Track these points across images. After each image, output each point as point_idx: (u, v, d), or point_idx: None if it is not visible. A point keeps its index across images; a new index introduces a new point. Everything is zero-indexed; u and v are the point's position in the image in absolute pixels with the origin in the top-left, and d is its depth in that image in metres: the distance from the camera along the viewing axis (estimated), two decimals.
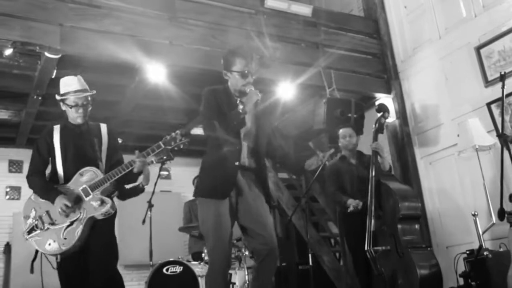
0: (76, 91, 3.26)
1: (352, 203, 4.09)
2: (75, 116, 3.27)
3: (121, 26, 4.55)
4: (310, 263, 4.51)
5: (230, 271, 4.90)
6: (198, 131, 7.03)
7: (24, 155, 6.81)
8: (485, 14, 4.99)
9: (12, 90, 5.29)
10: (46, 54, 4.24)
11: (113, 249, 3.20)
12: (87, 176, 3.18)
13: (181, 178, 7.96)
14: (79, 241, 3.03)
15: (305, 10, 5.60)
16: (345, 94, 5.62)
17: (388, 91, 5.99)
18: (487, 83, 4.88)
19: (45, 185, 3.19)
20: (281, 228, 7.14)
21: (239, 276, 5.06)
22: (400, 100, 5.93)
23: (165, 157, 3.87)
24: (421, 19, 5.82)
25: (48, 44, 4.17)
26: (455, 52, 5.29)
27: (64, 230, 3.03)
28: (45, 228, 3.04)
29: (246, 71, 3.00)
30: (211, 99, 3.00)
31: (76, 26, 4.34)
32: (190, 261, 5.08)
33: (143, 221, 5.06)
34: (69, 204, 3.04)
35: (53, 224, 3.05)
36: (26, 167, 6.86)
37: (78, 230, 3.03)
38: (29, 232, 3.02)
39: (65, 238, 3.01)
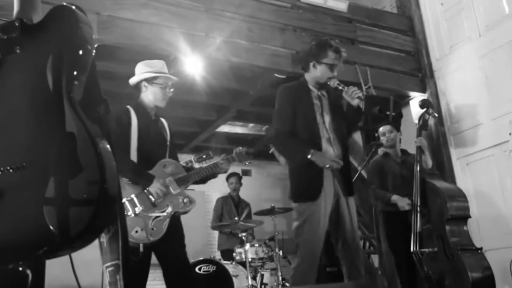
0: (166, 74, 3.17)
1: (401, 203, 3.93)
2: (161, 99, 3.09)
3: (158, 17, 4.44)
4: None
5: (262, 272, 4.81)
6: (225, 128, 6.93)
7: None
8: None
9: None
10: None
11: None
12: (170, 168, 3.03)
13: None
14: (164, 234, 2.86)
15: (341, 5, 5.46)
16: (379, 92, 5.49)
17: (423, 90, 5.84)
18: None
19: (136, 165, 2.92)
20: None
21: (270, 277, 4.92)
22: (435, 100, 5.76)
23: (204, 156, 3.75)
24: (459, 17, 5.65)
25: None
26: (496, 50, 5.12)
27: (153, 220, 2.83)
28: (133, 214, 2.79)
29: (336, 64, 2.95)
30: (286, 105, 2.99)
31: (113, 15, 4.23)
32: (220, 260, 4.95)
33: None
34: (165, 191, 2.89)
35: (139, 211, 2.82)
36: None
37: (165, 223, 2.85)
38: None
39: (153, 229, 2.80)
